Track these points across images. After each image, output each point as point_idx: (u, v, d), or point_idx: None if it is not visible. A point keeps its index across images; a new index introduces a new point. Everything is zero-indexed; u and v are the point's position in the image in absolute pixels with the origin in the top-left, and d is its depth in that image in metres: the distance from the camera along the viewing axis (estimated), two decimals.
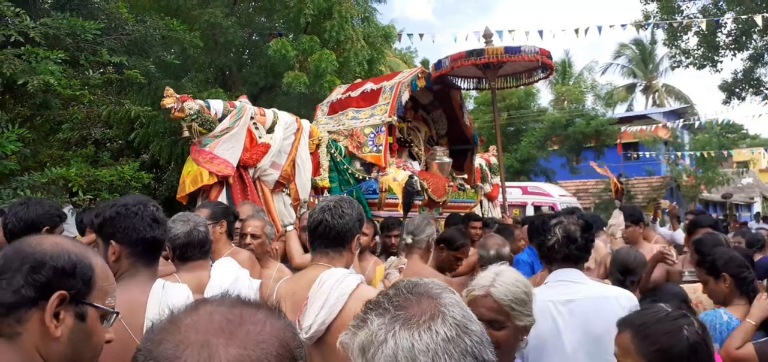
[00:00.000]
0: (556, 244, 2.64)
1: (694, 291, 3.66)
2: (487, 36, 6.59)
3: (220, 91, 10.83)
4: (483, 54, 6.11)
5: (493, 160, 8.64)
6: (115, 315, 1.45)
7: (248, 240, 3.56)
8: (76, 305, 1.36)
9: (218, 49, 12.04)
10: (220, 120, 4.55)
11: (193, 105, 4.33)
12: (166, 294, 2.08)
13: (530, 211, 13.85)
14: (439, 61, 6.44)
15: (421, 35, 14.93)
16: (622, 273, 3.69)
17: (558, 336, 2.46)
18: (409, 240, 3.78)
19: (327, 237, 2.51)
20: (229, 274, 2.68)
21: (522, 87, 14.38)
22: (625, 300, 2.51)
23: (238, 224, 3.61)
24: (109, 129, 11.68)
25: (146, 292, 2.07)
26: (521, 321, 2.05)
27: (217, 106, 4.61)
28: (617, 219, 5.49)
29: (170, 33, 9.29)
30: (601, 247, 5.54)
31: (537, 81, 7.84)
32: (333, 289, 2.29)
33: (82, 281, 1.37)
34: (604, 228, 7.11)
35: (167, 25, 9.16)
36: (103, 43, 7.73)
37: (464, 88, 7.40)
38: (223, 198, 4.33)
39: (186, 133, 4.38)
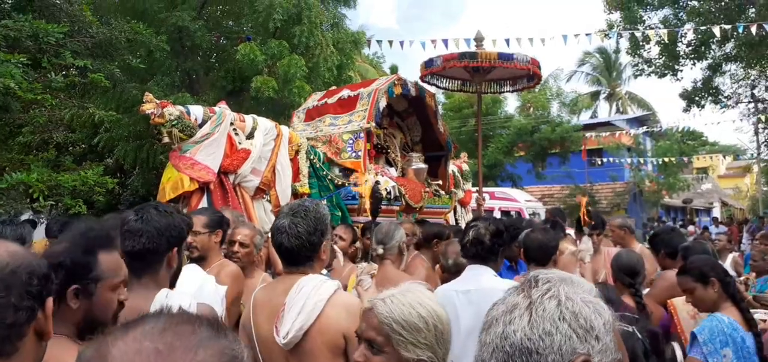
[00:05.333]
0: (468, 244, 3.10)
1: None
2: (479, 40, 6.60)
3: (186, 95, 10.64)
4: (476, 57, 6.09)
5: (465, 167, 8.70)
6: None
7: (236, 248, 3.46)
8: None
9: (185, 52, 11.84)
10: (200, 126, 4.47)
11: (173, 111, 4.25)
12: (168, 303, 2.05)
13: (498, 216, 13.99)
14: (431, 60, 6.43)
15: (390, 42, 15.00)
16: (630, 275, 3.68)
17: (456, 319, 2.84)
18: (380, 250, 3.74)
19: (289, 257, 2.44)
20: (193, 282, 2.62)
21: (507, 94, 14.56)
22: None
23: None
24: (71, 133, 11.39)
25: (140, 303, 2.01)
26: (407, 350, 1.72)
27: (196, 111, 4.53)
28: (586, 244, 5.57)
29: (136, 36, 9.10)
30: (565, 253, 5.61)
31: (522, 90, 7.92)
32: (310, 296, 2.27)
33: (52, 283, 1.39)
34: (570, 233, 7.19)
35: (133, 28, 8.97)
36: (67, 46, 7.51)
37: (448, 89, 7.44)
38: (203, 204, 4.25)
39: (166, 139, 4.30)
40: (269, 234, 4.28)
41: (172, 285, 2.28)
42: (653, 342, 2.24)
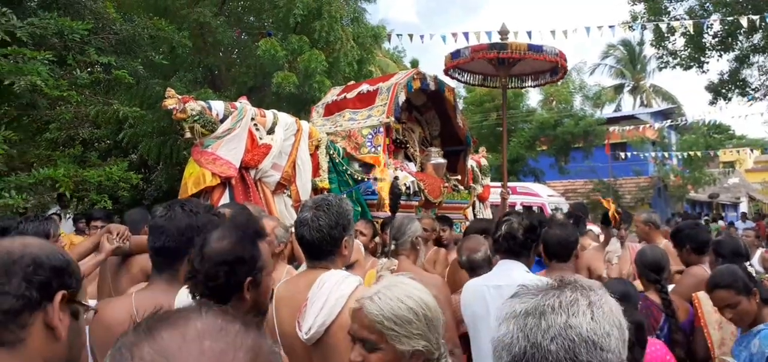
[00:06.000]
0: (500, 238, 3.04)
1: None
2: (503, 33, 6.56)
3: (208, 90, 10.75)
4: (506, 48, 6.07)
5: (484, 162, 8.65)
6: (93, 311, 1.49)
7: None
8: (70, 303, 1.32)
9: (207, 48, 11.94)
10: (222, 121, 4.51)
11: (194, 106, 4.29)
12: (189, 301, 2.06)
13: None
14: (458, 51, 6.43)
15: (410, 36, 15.02)
16: (655, 271, 3.63)
17: (487, 313, 2.93)
18: (392, 246, 3.73)
19: (311, 251, 2.46)
20: None
21: (531, 88, 14.53)
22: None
23: None
24: (97, 129, 11.55)
25: (160, 299, 2.02)
26: (402, 344, 1.74)
27: (218, 107, 4.56)
28: (614, 246, 5.51)
29: (159, 33, 9.19)
30: (588, 249, 5.55)
31: (546, 83, 7.86)
32: (332, 291, 2.27)
33: (75, 279, 1.35)
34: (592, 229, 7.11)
35: (155, 24, 9.06)
36: (91, 43, 7.61)
37: (472, 84, 7.42)
38: (225, 199, 4.28)
39: (188, 135, 4.34)
40: (294, 229, 4.32)
41: None
42: (638, 333, 2.20)
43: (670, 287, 3.95)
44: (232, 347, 0.76)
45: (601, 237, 5.96)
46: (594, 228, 6.82)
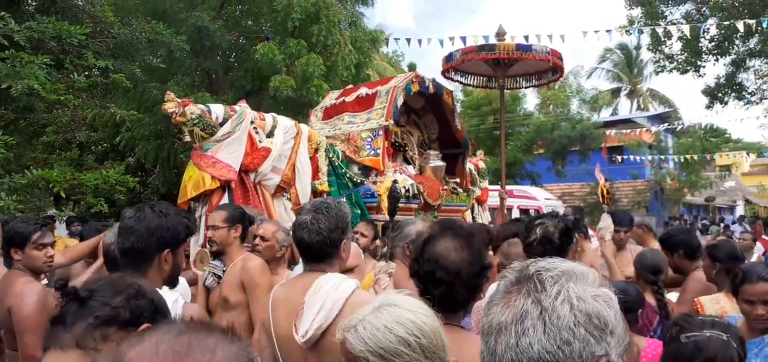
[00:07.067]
0: (535, 242, 2.89)
1: (717, 301, 3.48)
2: (500, 34, 6.63)
3: (206, 94, 10.74)
4: (494, 49, 6.18)
5: (482, 164, 8.66)
6: None
7: (257, 241, 3.46)
8: None
9: (205, 52, 11.93)
10: (221, 124, 4.51)
11: (194, 109, 4.30)
12: None
13: (516, 214, 13.95)
14: (450, 54, 6.50)
15: (408, 40, 15.00)
16: (654, 273, 3.65)
17: None
18: (384, 249, 3.73)
19: (309, 253, 2.46)
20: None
21: (531, 88, 14.61)
22: None
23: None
24: (94, 132, 11.55)
25: None
26: None
27: (217, 110, 4.57)
28: (606, 222, 5.49)
29: (156, 36, 9.18)
30: (589, 251, 5.56)
31: (546, 83, 7.91)
32: (329, 295, 2.25)
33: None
34: (596, 230, 7.13)
35: (153, 28, 9.06)
36: (89, 47, 7.61)
37: (471, 85, 7.48)
38: (224, 202, 4.26)
39: (187, 138, 4.34)
40: (292, 231, 4.31)
41: (172, 287, 2.28)
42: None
43: (674, 295, 3.95)
44: (186, 348, 0.79)
45: (594, 240, 5.98)
46: (591, 232, 6.85)
